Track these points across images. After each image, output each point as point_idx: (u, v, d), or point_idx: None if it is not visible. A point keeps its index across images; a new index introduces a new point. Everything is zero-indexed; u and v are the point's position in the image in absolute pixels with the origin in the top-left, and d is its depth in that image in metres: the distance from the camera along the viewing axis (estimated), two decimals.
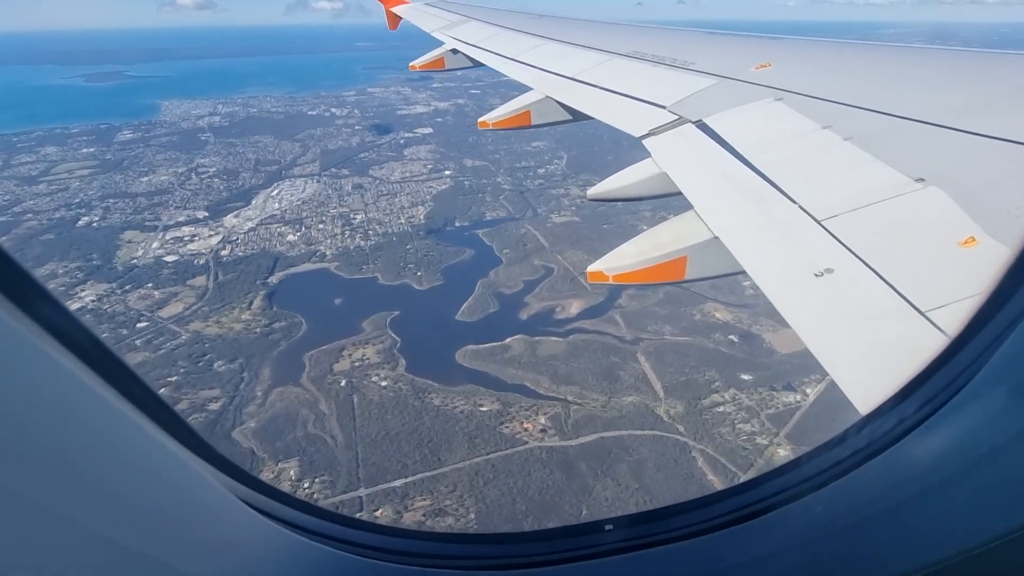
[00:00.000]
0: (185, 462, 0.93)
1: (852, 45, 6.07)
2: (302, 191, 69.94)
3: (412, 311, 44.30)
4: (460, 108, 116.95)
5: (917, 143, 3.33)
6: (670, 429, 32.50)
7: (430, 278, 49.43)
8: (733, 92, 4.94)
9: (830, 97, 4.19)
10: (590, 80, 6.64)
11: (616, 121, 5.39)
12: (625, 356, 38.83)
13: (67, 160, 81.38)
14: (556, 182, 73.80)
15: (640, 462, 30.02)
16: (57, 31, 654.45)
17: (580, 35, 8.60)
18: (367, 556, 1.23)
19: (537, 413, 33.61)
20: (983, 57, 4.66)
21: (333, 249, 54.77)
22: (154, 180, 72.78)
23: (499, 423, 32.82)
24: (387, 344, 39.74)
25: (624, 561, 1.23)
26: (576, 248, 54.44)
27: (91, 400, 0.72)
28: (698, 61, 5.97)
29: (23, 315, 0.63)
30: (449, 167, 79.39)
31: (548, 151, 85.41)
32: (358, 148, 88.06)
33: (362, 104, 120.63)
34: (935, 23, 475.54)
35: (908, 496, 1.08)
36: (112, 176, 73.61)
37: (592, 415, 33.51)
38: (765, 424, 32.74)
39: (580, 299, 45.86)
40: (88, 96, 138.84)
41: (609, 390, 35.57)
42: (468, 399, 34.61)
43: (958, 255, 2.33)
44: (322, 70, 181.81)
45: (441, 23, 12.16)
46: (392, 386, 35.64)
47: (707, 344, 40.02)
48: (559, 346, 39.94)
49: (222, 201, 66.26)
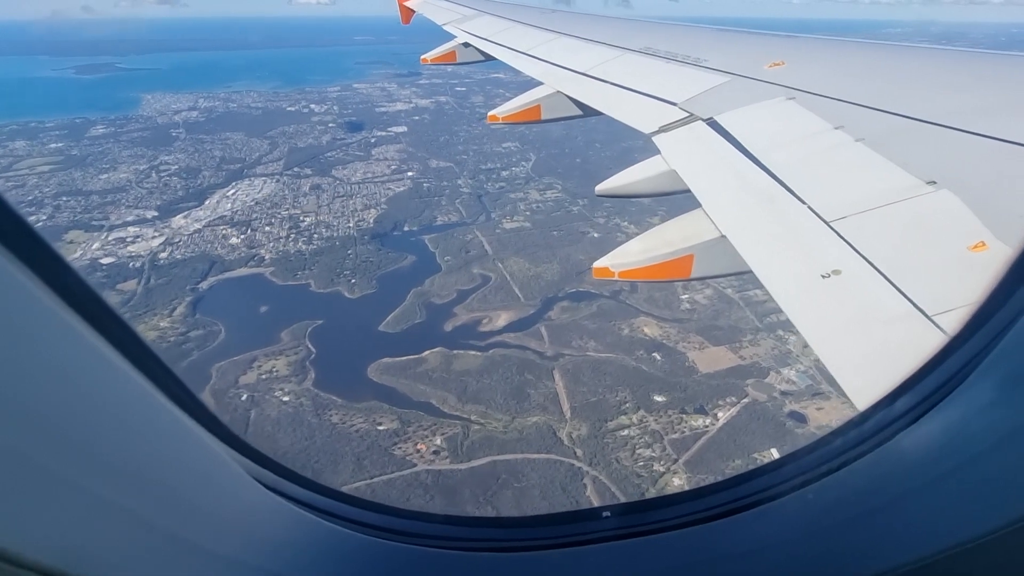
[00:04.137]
0: (201, 439, 0.97)
1: (866, 45, 6.06)
2: (259, 191, 69.12)
3: (336, 321, 43.51)
4: (440, 106, 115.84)
5: (929, 145, 3.28)
6: (567, 453, 31.54)
7: (363, 286, 48.55)
8: (745, 90, 4.91)
9: (843, 97, 4.16)
10: (601, 75, 6.65)
11: (626, 117, 5.38)
12: (541, 373, 37.82)
13: (33, 155, 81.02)
14: (518, 186, 72.62)
15: (526, 489, 29.10)
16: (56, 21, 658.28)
17: (592, 30, 8.59)
18: (374, 535, 1.27)
19: (435, 433, 32.73)
20: (996, 59, 4.66)
21: (273, 253, 53.98)
22: (113, 177, 72.15)
23: (393, 443, 31.98)
24: (301, 356, 38.97)
25: (621, 547, 1.26)
26: (520, 256, 53.42)
27: (116, 379, 0.76)
28: (710, 58, 5.94)
29: (56, 296, 0.66)
30: (414, 168, 78.35)
31: (517, 152, 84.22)
32: (327, 147, 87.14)
33: (343, 100, 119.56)
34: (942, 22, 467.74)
35: (903, 490, 1.11)
36: (71, 173, 73.05)
37: (491, 436, 32.59)
38: (667, 449, 31.68)
39: (510, 310, 44.92)
40: (73, 88, 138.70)
41: (515, 409, 34.61)
42: (368, 417, 33.79)
43: (968, 259, 2.29)
44: (313, 64, 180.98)
45: (453, 16, 12.28)
46: (293, 401, 34.87)
47: (628, 362, 38.92)
48: (476, 361, 38.99)
49: (175, 201, 65.62)
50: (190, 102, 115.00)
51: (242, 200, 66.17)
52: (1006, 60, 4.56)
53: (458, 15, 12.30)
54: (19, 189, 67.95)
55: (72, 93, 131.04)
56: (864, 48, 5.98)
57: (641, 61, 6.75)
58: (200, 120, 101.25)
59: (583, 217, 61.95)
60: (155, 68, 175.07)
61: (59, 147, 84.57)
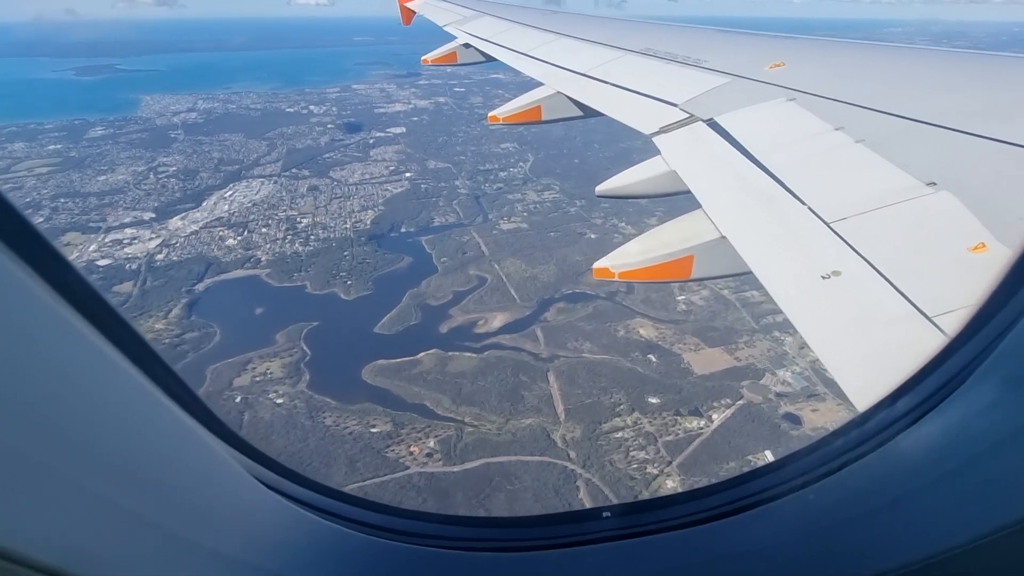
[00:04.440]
0: (201, 438, 0.97)
1: (866, 46, 6.03)
2: (256, 193, 69.13)
3: (332, 322, 43.48)
4: (439, 107, 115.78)
5: (929, 146, 3.28)
6: (561, 455, 31.47)
7: (359, 287, 48.53)
8: (745, 91, 4.92)
9: (843, 98, 4.16)
10: (602, 76, 6.67)
11: (626, 118, 5.38)
12: (536, 375, 37.76)
13: (31, 157, 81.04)
14: (515, 186, 72.52)
15: (518, 492, 29.03)
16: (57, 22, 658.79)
17: (593, 31, 8.61)
18: (375, 535, 1.26)
19: (428, 436, 32.68)
20: (997, 60, 4.67)
21: (270, 255, 53.98)
22: (111, 179, 72.19)
23: (386, 445, 31.94)
24: (296, 358, 38.94)
25: (621, 547, 1.26)
26: (516, 257, 53.36)
27: (118, 379, 0.76)
28: (711, 59, 5.94)
29: (57, 296, 0.66)
30: (411, 169, 78.29)
31: (516, 153, 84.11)
32: (325, 148, 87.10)
33: (342, 101, 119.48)
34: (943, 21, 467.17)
35: (903, 491, 1.11)
36: (70, 175, 73.03)
37: (484, 439, 32.53)
38: (660, 452, 31.60)
39: (506, 312, 44.85)
40: (73, 90, 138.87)
41: (509, 412, 34.55)
42: (362, 419, 33.75)
43: (968, 261, 2.29)
44: (312, 65, 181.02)
45: (454, 17, 12.34)
46: (288, 403, 34.83)
47: (624, 363, 38.83)
48: (471, 363, 38.94)
49: (173, 202, 65.63)
50: (189, 103, 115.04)
51: (239, 202, 66.18)
52: (1006, 61, 4.57)
53: (459, 16, 12.33)
54: (17, 191, 67.94)
55: (72, 94, 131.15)
56: (864, 49, 5.95)
57: (641, 62, 6.79)
58: (199, 121, 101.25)
59: (580, 218, 61.88)
60: (155, 69, 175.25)
61: (58, 148, 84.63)
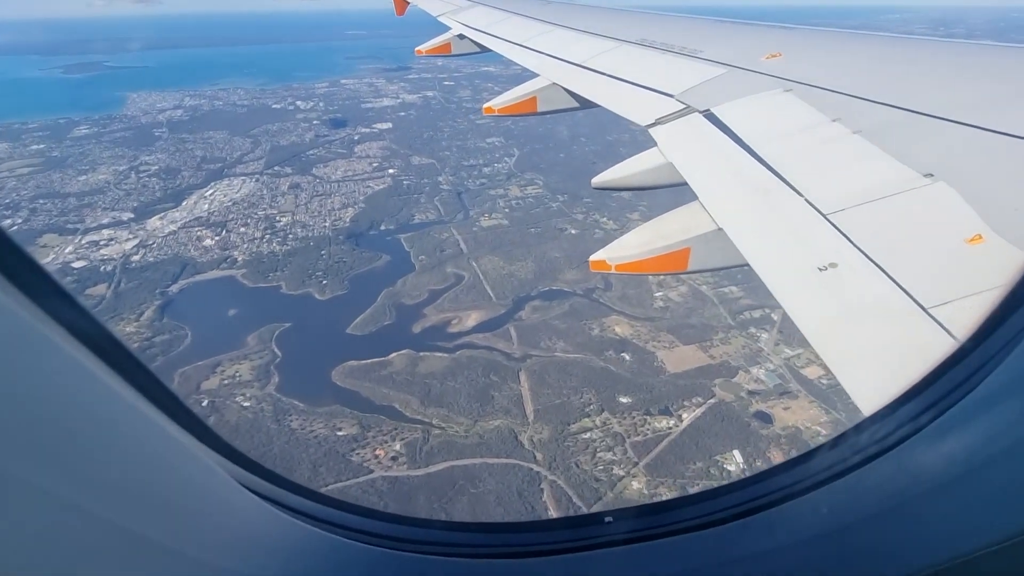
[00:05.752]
0: (187, 447, 0.94)
1: (863, 36, 6.02)
2: (237, 191, 68.55)
3: (305, 323, 43.10)
4: (427, 101, 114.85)
5: (926, 137, 3.26)
6: (527, 457, 31.20)
7: (334, 287, 48.14)
8: (742, 82, 4.89)
9: (840, 89, 4.14)
10: (597, 67, 6.61)
11: (622, 109, 5.37)
12: (507, 375, 37.44)
13: (13, 158, 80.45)
14: (499, 182, 71.91)
15: (482, 495, 28.77)
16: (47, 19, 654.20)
17: (588, 22, 8.56)
18: (368, 543, 1.24)
19: (395, 438, 32.41)
20: (995, 51, 4.66)
21: (247, 255, 53.52)
22: (91, 179, 71.61)
23: (352, 449, 31.67)
24: (266, 360, 38.61)
25: (629, 552, 1.25)
26: (495, 254, 52.95)
27: (96, 387, 0.74)
28: (707, 50, 5.91)
29: (31, 304, 0.64)
30: (395, 165, 77.64)
31: (501, 148, 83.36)
32: (309, 144, 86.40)
33: (330, 96, 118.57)
34: (941, 7, 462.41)
35: (914, 496, 1.10)
36: (50, 175, 72.54)
37: (451, 441, 32.26)
38: (628, 453, 31.31)
39: (480, 311, 44.49)
40: (60, 88, 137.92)
41: (478, 413, 34.27)
42: (328, 422, 33.47)
43: (964, 252, 2.30)
44: (302, 60, 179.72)
45: (448, 8, 12.16)
46: (254, 407, 34.55)
47: (596, 362, 38.50)
48: (442, 363, 38.61)
49: (153, 202, 65.13)
50: (176, 100, 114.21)
51: (220, 200, 65.65)
52: (1004, 52, 4.56)
53: (452, 6, 12.14)
54: None
55: (58, 93, 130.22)
56: (861, 39, 5.94)
57: (637, 53, 6.72)
58: (184, 119, 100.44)
59: (562, 213, 61.33)
60: (144, 66, 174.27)
61: (40, 148, 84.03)
